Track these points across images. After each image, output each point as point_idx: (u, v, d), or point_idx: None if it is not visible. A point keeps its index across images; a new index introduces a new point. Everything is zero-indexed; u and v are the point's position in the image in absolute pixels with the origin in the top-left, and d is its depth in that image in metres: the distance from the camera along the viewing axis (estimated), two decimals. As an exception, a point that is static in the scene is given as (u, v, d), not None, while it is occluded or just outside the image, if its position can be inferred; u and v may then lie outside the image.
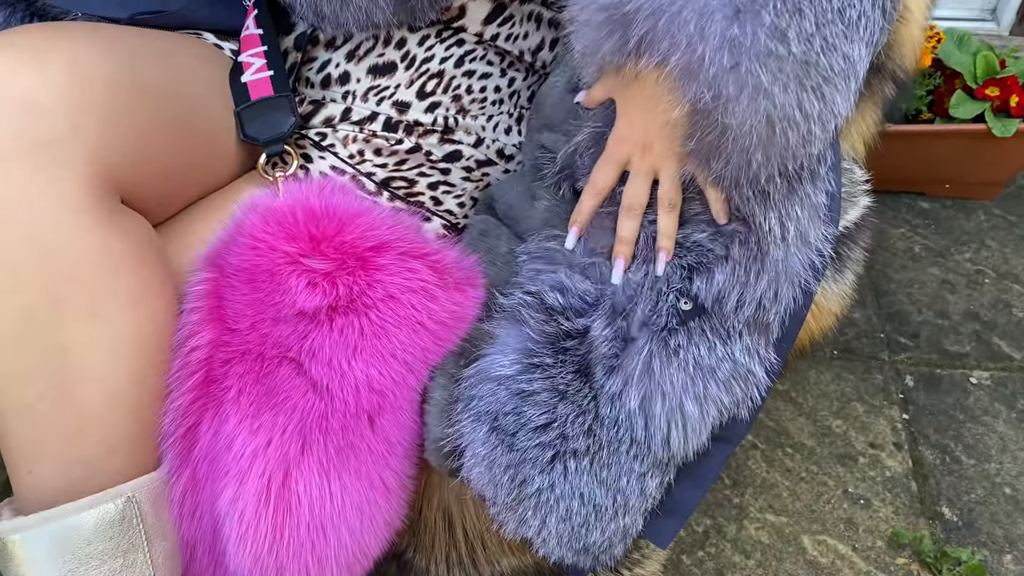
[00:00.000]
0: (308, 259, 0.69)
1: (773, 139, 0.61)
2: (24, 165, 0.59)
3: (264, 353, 0.70)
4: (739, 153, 0.62)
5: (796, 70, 0.59)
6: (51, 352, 0.62)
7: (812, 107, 0.60)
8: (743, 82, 0.59)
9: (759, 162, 0.63)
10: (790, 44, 0.58)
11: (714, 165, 0.64)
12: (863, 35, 0.60)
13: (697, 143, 0.63)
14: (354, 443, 0.71)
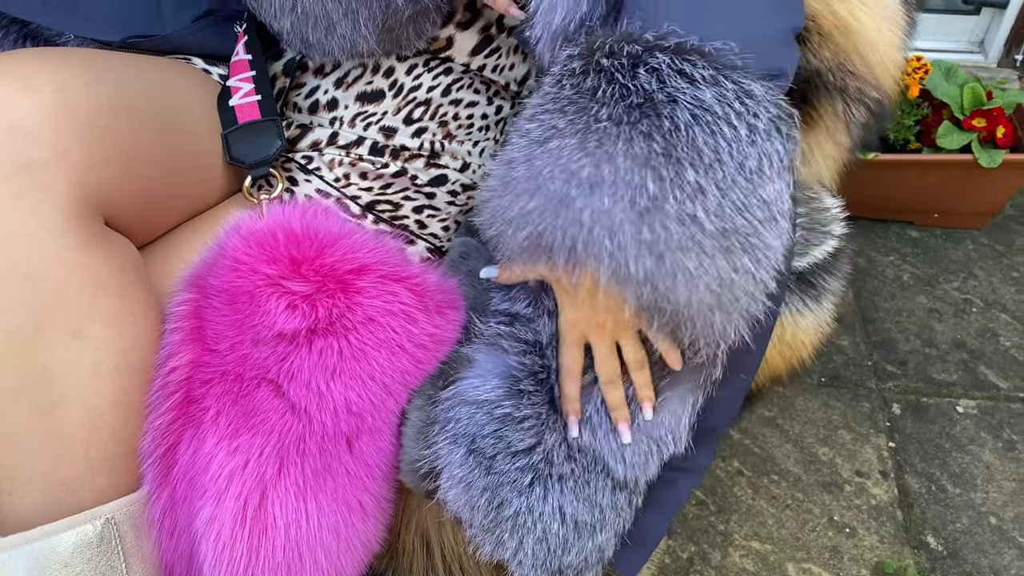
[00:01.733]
0: (288, 281, 0.70)
1: (722, 301, 0.62)
2: (8, 188, 0.60)
3: (243, 374, 0.70)
4: (701, 319, 0.63)
5: (718, 242, 0.59)
6: (33, 373, 0.63)
7: (747, 263, 0.61)
8: (673, 272, 0.60)
9: (722, 320, 0.63)
10: (703, 224, 0.59)
11: (681, 336, 0.65)
12: (771, 172, 0.60)
13: (658, 326, 0.64)
14: (331, 465, 0.71)
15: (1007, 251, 1.61)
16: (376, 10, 0.75)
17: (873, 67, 0.77)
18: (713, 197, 0.59)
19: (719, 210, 0.59)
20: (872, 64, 0.77)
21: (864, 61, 0.77)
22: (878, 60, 0.77)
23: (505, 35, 0.87)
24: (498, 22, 0.86)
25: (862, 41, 0.76)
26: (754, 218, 0.60)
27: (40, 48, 0.72)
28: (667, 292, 0.60)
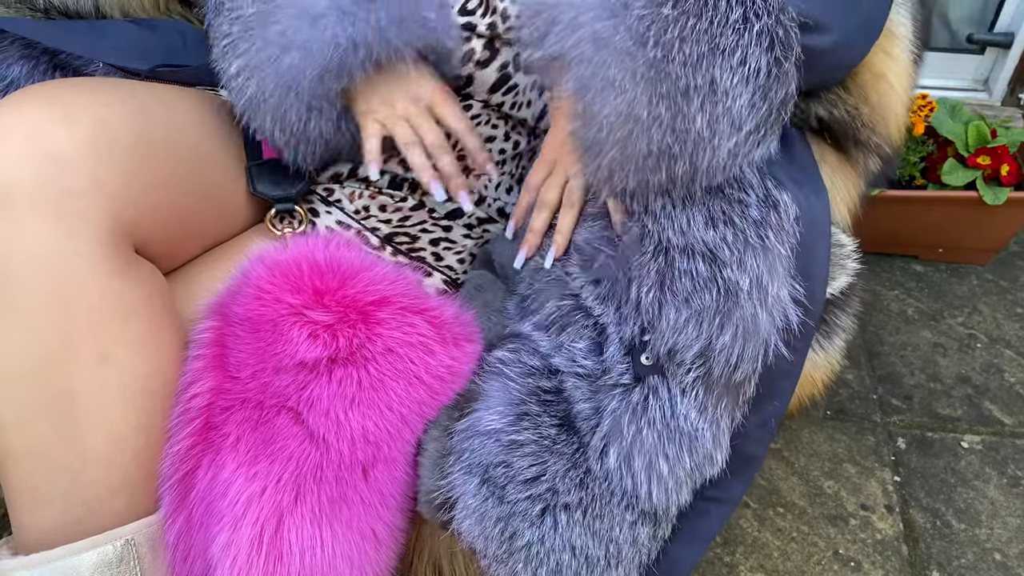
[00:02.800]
0: (311, 311, 0.71)
1: (630, 141, 0.65)
2: (48, 214, 0.62)
3: (264, 402, 0.71)
4: (623, 160, 0.66)
5: (648, 72, 0.63)
6: (60, 395, 0.65)
7: (662, 114, 0.64)
8: (599, 73, 0.64)
9: (648, 172, 0.67)
10: (647, 46, 0.62)
11: (616, 180, 0.68)
12: (741, 71, 0.64)
13: (582, 146, 0.68)
14: (347, 494, 0.72)
15: (1012, 287, 1.62)
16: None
17: (890, 125, 0.80)
18: (671, 34, 0.63)
19: (667, 46, 0.62)
20: (890, 123, 0.80)
21: (885, 121, 0.80)
22: (892, 112, 0.79)
23: (522, 73, 0.89)
24: (515, 60, 0.88)
25: (889, 101, 0.79)
26: (695, 81, 0.63)
27: (79, 79, 0.74)
28: (587, 93, 0.65)
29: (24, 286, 0.63)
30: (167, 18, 1.01)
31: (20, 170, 0.62)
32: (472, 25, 0.86)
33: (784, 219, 0.73)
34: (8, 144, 0.63)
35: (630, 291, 0.74)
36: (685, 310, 0.72)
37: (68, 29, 0.92)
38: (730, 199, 0.73)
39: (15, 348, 0.64)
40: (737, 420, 0.76)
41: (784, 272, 0.73)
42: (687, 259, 0.72)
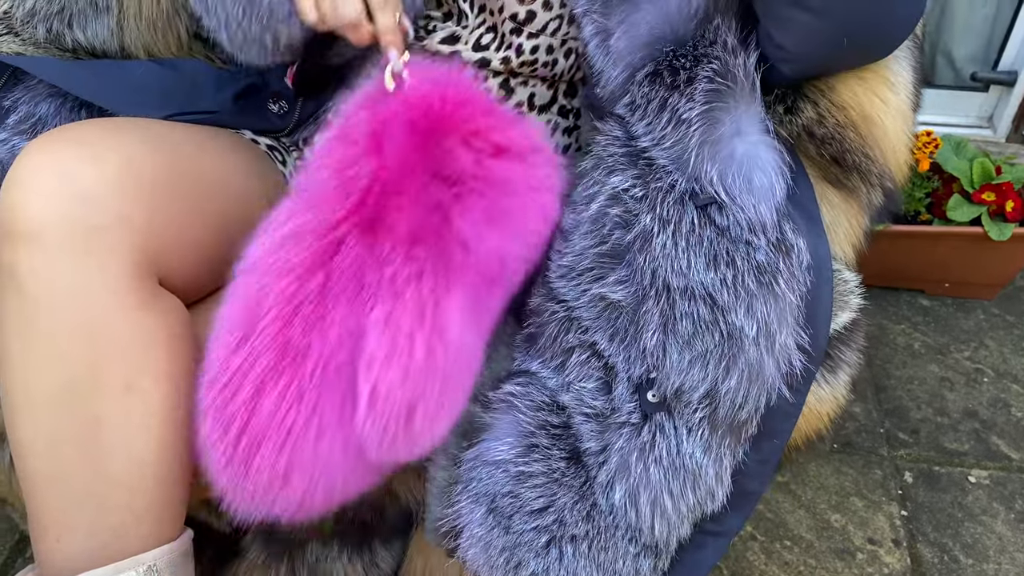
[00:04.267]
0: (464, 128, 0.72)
1: None
2: (77, 249, 0.65)
3: (419, 197, 0.70)
4: None
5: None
6: (86, 422, 0.67)
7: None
8: None
9: None
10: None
11: None
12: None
13: None
14: (479, 302, 0.72)
15: (1018, 322, 1.63)
16: None
17: (889, 160, 0.82)
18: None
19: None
20: (888, 158, 0.82)
21: (883, 153, 0.82)
22: (892, 156, 0.82)
23: (538, 112, 0.92)
24: (529, 100, 0.91)
25: (883, 136, 0.81)
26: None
27: (106, 120, 0.77)
28: None
29: (54, 317, 0.65)
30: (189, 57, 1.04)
31: (50, 207, 0.65)
32: (486, 61, 0.89)
33: (796, 267, 0.75)
34: (38, 182, 0.65)
35: (637, 333, 0.75)
36: (688, 352, 0.73)
37: (93, 70, 0.95)
38: (736, 239, 0.74)
39: (44, 375, 0.66)
40: (739, 457, 0.77)
41: (793, 321, 0.75)
42: (688, 301, 0.74)
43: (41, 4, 0.93)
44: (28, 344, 0.66)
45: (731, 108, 0.76)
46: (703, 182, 0.75)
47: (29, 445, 0.67)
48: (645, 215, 0.76)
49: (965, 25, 1.79)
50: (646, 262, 0.75)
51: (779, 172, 0.76)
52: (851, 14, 0.74)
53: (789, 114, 0.83)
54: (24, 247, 0.65)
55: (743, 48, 0.78)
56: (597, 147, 0.82)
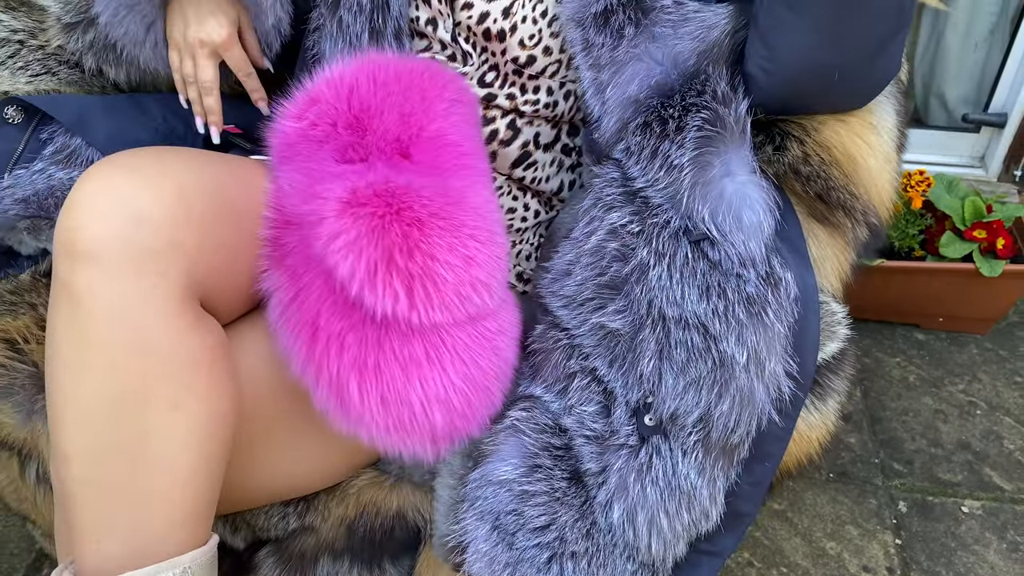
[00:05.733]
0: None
1: None
2: (131, 270, 0.69)
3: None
4: None
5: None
6: (135, 435, 0.71)
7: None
8: None
9: None
10: None
11: None
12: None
13: None
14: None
15: (1010, 356, 1.67)
16: None
17: (872, 197, 0.87)
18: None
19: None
20: (872, 195, 0.87)
21: (867, 190, 0.86)
22: (876, 193, 0.87)
23: (542, 151, 0.97)
24: (535, 139, 0.96)
25: (866, 175, 0.86)
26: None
27: (160, 148, 0.83)
28: None
29: (108, 333, 0.69)
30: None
31: (108, 229, 0.69)
32: (492, 96, 0.94)
33: (784, 298, 0.79)
34: (97, 206, 0.70)
35: (634, 360, 0.80)
36: (682, 378, 0.78)
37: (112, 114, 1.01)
38: (727, 272, 0.79)
39: (96, 387, 0.70)
40: (732, 479, 0.81)
41: (781, 350, 0.79)
42: (682, 330, 0.78)
43: (99, 38, 0.99)
44: (80, 358, 0.70)
45: (721, 152, 0.81)
46: (695, 220, 0.80)
47: (75, 452, 0.71)
48: (642, 249, 0.81)
49: (957, 69, 1.85)
50: (643, 293, 0.80)
51: (768, 209, 0.81)
52: (838, 25, 0.79)
53: (777, 152, 0.88)
54: (82, 266, 0.69)
55: (734, 94, 0.83)
56: (596, 187, 0.87)
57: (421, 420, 0.76)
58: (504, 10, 0.91)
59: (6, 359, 0.91)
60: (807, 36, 0.80)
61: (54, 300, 0.73)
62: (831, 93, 0.85)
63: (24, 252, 0.95)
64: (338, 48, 0.96)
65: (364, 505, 0.91)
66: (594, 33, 0.85)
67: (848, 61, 0.82)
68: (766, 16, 0.81)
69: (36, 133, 0.98)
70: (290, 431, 0.86)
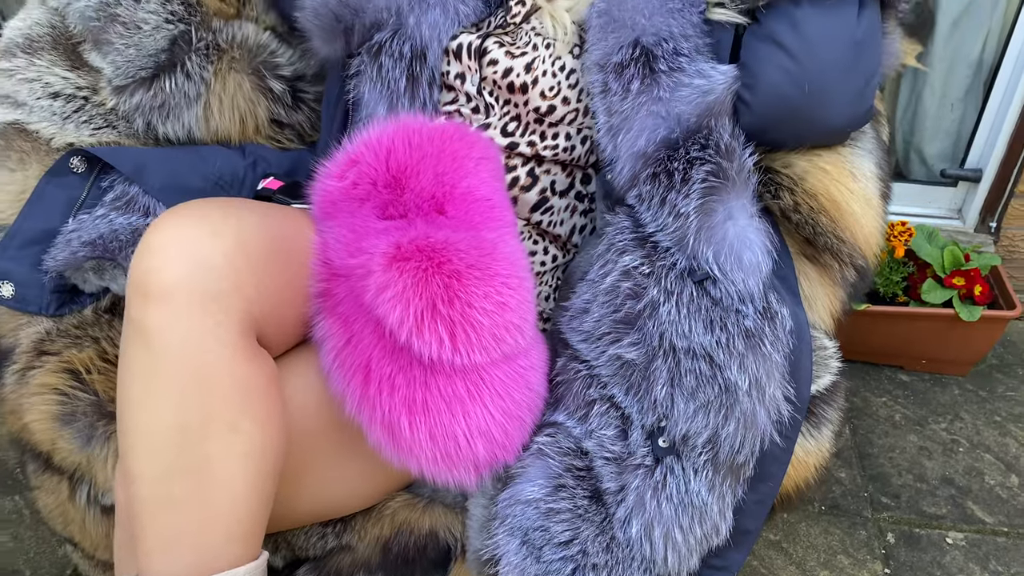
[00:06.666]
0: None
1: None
2: (198, 309, 0.78)
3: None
4: None
5: None
6: (200, 457, 0.78)
7: None
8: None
9: None
10: None
11: None
12: None
13: None
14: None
15: (990, 397, 1.76)
16: None
17: (857, 240, 0.97)
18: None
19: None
20: (857, 238, 0.97)
21: (852, 234, 0.97)
22: (863, 236, 0.97)
23: (558, 196, 1.07)
24: (551, 186, 1.06)
25: (851, 219, 0.96)
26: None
27: (224, 200, 0.91)
28: None
29: (176, 365, 0.77)
30: (256, 143, 1.20)
31: (179, 272, 0.78)
32: (515, 144, 1.04)
33: (780, 330, 0.89)
34: (169, 252, 0.79)
35: (648, 387, 0.88)
36: (692, 403, 0.87)
37: (169, 163, 1.10)
38: (728, 308, 0.88)
39: (164, 414, 0.78)
40: (738, 496, 0.89)
41: (779, 376, 0.88)
42: (691, 360, 0.88)
43: (146, 100, 1.09)
44: (151, 387, 0.78)
45: (723, 199, 0.91)
46: (700, 260, 0.90)
47: (143, 473, 0.79)
48: (652, 288, 0.91)
49: (935, 127, 1.97)
50: (655, 327, 0.89)
51: (765, 251, 0.91)
52: (817, 62, 0.91)
53: (774, 199, 0.98)
54: (154, 305, 0.78)
55: (736, 145, 0.93)
56: (609, 234, 0.97)
57: (465, 451, 0.84)
58: (527, 65, 1.02)
59: (69, 388, 0.99)
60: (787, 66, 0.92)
61: (127, 336, 0.81)
62: (812, 119, 0.95)
63: (87, 290, 1.03)
64: (376, 91, 1.06)
65: (399, 525, 0.98)
66: (613, 80, 0.95)
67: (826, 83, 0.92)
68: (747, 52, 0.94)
69: (98, 181, 1.07)
70: (332, 457, 0.94)
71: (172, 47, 1.10)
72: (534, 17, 1.07)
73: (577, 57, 1.03)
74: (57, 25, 1.12)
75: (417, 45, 1.05)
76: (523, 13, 1.08)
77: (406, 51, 1.05)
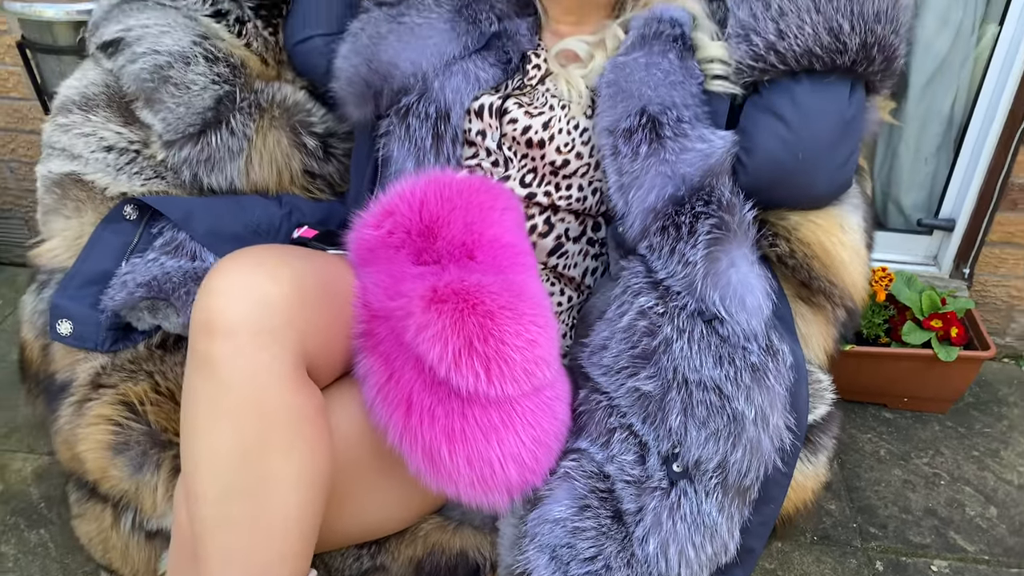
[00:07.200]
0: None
1: None
2: (259, 344, 0.86)
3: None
4: None
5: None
6: (256, 479, 0.85)
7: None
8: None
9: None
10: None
11: None
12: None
13: None
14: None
15: (968, 433, 1.87)
16: None
17: (847, 284, 1.07)
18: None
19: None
20: (846, 282, 1.07)
21: (840, 278, 1.07)
22: (851, 281, 1.07)
23: (572, 242, 1.17)
24: (565, 233, 1.16)
25: (841, 266, 1.07)
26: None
27: (279, 247, 1.01)
28: None
29: (238, 393, 0.85)
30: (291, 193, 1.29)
31: (241, 311, 0.86)
32: (533, 194, 1.14)
33: (782, 365, 0.98)
34: (232, 293, 0.87)
35: (664, 417, 0.97)
36: (704, 431, 0.96)
37: (214, 210, 1.19)
38: (735, 345, 0.98)
39: (225, 438, 0.85)
40: (745, 517, 0.98)
41: (782, 407, 0.98)
42: (702, 392, 0.97)
43: (193, 153, 1.18)
44: (214, 414, 0.86)
45: (727, 249, 1.01)
46: (708, 303, 0.99)
47: (206, 494, 0.86)
48: (666, 326, 1.00)
49: (911, 180, 2.10)
50: (669, 361, 0.98)
51: (766, 294, 1.01)
52: (810, 133, 1.03)
53: (771, 247, 1.09)
54: (220, 340, 0.86)
55: (737, 200, 1.04)
56: (624, 278, 1.06)
57: (500, 475, 0.92)
58: (544, 124, 1.12)
59: (124, 419, 1.06)
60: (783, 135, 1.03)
61: (192, 368, 0.89)
62: (802, 185, 1.07)
63: (141, 328, 1.11)
64: (404, 148, 1.16)
65: (431, 546, 1.06)
66: (622, 143, 1.06)
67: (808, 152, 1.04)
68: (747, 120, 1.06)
69: (148, 228, 1.16)
70: (372, 483, 1.01)
71: (218, 105, 1.20)
72: (548, 79, 1.18)
73: (589, 117, 1.13)
74: (111, 84, 1.21)
75: (442, 107, 1.16)
76: (539, 76, 1.19)
77: (431, 112, 1.15)
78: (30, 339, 1.18)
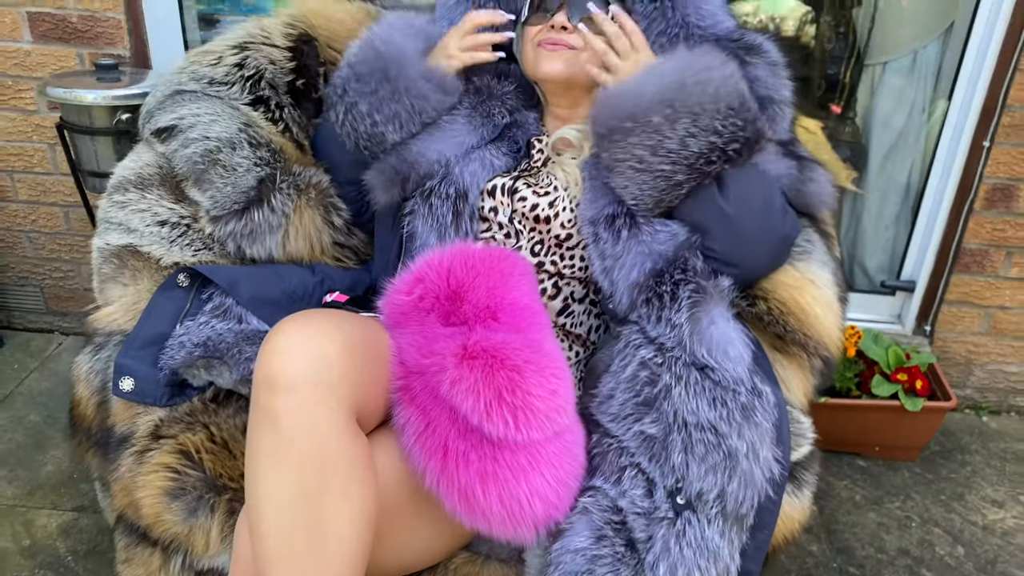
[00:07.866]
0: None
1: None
2: (317, 396, 0.97)
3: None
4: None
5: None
6: (316, 516, 0.95)
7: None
8: None
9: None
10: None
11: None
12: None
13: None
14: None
15: (935, 479, 2.01)
16: None
17: (822, 335, 1.23)
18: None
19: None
20: (821, 334, 1.22)
21: (815, 331, 1.22)
22: (826, 333, 1.23)
23: (578, 303, 1.31)
24: (571, 295, 1.30)
25: (815, 320, 1.22)
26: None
27: (330, 311, 1.12)
28: None
29: (300, 443, 0.95)
30: (322, 262, 1.43)
31: (302, 367, 0.97)
32: (541, 263, 1.29)
33: (767, 404, 1.12)
34: (293, 351, 0.98)
35: (667, 455, 1.11)
36: (703, 466, 1.09)
37: (256, 278, 1.32)
38: (726, 388, 1.12)
39: (288, 482, 0.95)
40: (743, 542, 1.10)
41: (769, 441, 1.12)
42: (700, 432, 1.10)
43: (238, 228, 1.32)
44: (278, 462, 0.96)
45: (707, 310, 1.16)
46: (696, 355, 1.14)
47: (269, 532, 0.96)
48: (665, 374, 1.14)
49: (874, 245, 2.28)
50: (669, 406, 1.12)
51: (746, 344, 1.16)
52: (753, 220, 1.20)
53: (750, 307, 1.24)
54: (283, 395, 0.96)
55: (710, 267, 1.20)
56: (624, 335, 1.21)
57: (527, 511, 1.04)
58: (550, 203, 1.28)
59: (181, 467, 1.17)
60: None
61: (256, 419, 1.00)
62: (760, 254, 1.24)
63: (195, 384, 1.23)
64: (428, 224, 1.31)
65: (461, 579, 1.17)
66: (603, 230, 1.23)
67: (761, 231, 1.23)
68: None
69: (199, 294, 1.29)
70: (410, 522, 1.12)
71: (260, 185, 1.34)
72: (550, 163, 1.34)
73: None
74: (164, 166, 1.35)
75: (460, 188, 1.32)
76: (542, 159, 1.35)
77: (451, 192, 1.31)
78: (85, 396, 1.29)
